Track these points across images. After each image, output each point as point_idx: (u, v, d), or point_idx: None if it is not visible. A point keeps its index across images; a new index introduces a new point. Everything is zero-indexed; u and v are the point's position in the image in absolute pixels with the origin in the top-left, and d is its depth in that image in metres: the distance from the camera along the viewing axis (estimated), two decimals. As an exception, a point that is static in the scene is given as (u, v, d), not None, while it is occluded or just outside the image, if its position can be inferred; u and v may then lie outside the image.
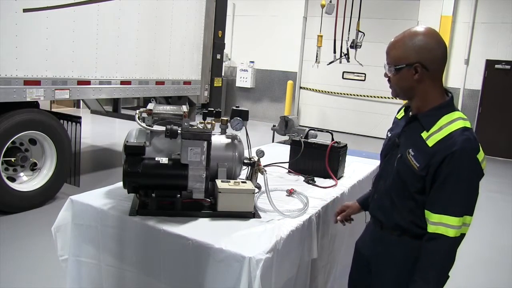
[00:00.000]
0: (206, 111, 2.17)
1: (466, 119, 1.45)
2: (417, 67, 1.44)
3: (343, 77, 10.88)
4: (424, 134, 1.45)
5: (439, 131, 1.42)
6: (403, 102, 1.71)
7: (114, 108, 6.52)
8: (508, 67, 9.10)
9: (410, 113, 1.58)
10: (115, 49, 4.85)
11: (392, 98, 7.93)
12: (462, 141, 1.37)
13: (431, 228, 1.43)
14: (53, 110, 5.59)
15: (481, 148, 1.42)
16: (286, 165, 2.71)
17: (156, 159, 1.84)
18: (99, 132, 8.09)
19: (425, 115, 1.49)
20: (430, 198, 1.44)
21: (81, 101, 8.68)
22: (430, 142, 1.43)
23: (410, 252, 1.52)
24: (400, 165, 1.55)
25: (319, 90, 11.22)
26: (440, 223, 1.41)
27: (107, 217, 1.85)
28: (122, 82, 4.99)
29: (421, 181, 1.45)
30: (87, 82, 4.54)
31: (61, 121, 4.52)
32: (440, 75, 1.49)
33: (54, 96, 4.22)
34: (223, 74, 8.03)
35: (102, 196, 2.00)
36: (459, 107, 9.49)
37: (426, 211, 1.46)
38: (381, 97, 9.80)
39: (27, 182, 4.25)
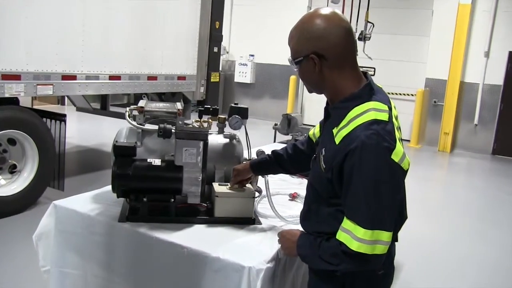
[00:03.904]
0: (202, 109, 2.18)
1: (383, 110, 1.34)
2: (313, 58, 1.37)
3: (351, 72, 10.86)
4: (335, 130, 1.38)
5: (347, 126, 1.33)
6: (417, 96, 1.68)
7: (102, 105, 6.52)
8: (532, 60, 9.08)
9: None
10: (103, 41, 4.85)
11: (405, 94, 7.91)
12: (365, 136, 1.27)
13: (337, 234, 1.35)
14: (35, 107, 5.60)
15: (399, 145, 1.32)
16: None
17: (148, 160, 1.85)
18: (86, 131, 8.09)
19: (335, 107, 1.43)
20: (342, 202, 1.37)
21: (66, 97, 8.71)
22: (337, 139, 1.35)
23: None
24: (313, 168, 1.53)
25: (325, 86, 11.23)
26: (347, 230, 1.32)
27: (94, 223, 1.86)
28: (111, 77, 4.99)
29: (330, 185, 1.38)
30: (73, 77, 4.54)
31: (44, 119, 4.52)
32: (346, 61, 1.40)
33: (36, 92, 4.21)
34: (220, 69, 8.04)
35: (89, 201, 2.01)
36: (478, 104, 9.47)
37: None
38: (393, 93, 9.80)
39: (6, 186, 4.24)
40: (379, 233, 1.30)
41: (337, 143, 1.35)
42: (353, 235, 1.30)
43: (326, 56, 1.37)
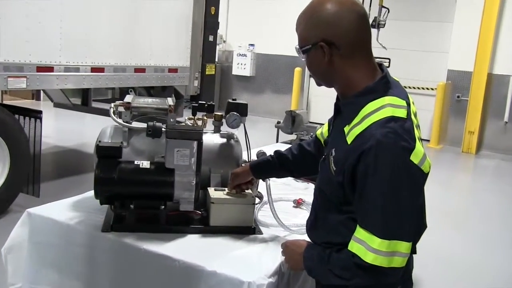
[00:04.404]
0: (196, 105, 2.19)
1: (401, 106, 1.36)
2: (322, 46, 1.39)
3: (363, 63, 10.85)
4: (346, 129, 1.39)
5: (360, 123, 1.34)
6: (438, 90, 1.68)
7: (84, 100, 6.52)
8: None
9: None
10: (84, 28, 4.86)
11: (424, 88, 7.84)
12: (381, 134, 1.28)
13: (349, 245, 1.36)
14: (5, 102, 5.60)
15: (419, 145, 1.33)
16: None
17: (135, 162, 1.86)
18: (65, 130, 8.10)
19: (347, 103, 1.45)
20: (354, 208, 1.38)
21: (41, 92, 8.71)
22: (349, 138, 1.36)
23: None
24: (321, 171, 1.54)
25: (334, 79, 11.22)
26: (360, 240, 1.33)
27: (74, 233, 1.87)
28: (93, 69, 5.00)
29: (341, 189, 1.39)
30: (50, 69, 4.55)
31: (16, 116, 4.52)
32: (360, 50, 1.41)
33: (7, 85, 4.21)
34: (216, 60, 8.03)
35: (68, 209, 2.02)
36: (508, 98, 9.39)
37: None
38: (411, 87, 9.81)
39: (-27, 192, 4.25)
40: (396, 243, 1.30)
41: (349, 142, 1.36)
42: (367, 246, 1.31)
43: (337, 44, 1.38)
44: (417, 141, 1.35)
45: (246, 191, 1.98)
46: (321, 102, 11.16)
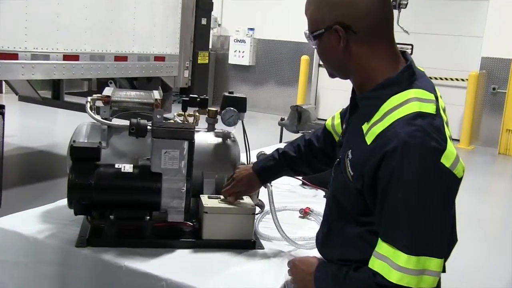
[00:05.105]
0: (187, 99, 2.19)
1: (428, 101, 1.36)
2: (337, 30, 1.39)
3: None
4: (365, 127, 1.40)
5: (381, 120, 1.35)
6: (470, 81, 1.68)
7: (55, 93, 6.53)
8: None
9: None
10: (55, 8, 4.86)
11: (453, 79, 7.84)
12: (407, 133, 1.27)
13: (370, 262, 1.35)
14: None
15: (450, 146, 1.33)
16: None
17: (116, 166, 1.86)
18: (32, 128, 8.11)
19: (365, 97, 1.46)
20: (376, 220, 1.38)
21: (3, 82, 8.71)
22: (369, 138, 1.36)
23: None
24: (336, 176, 1.55)
25: (347, 69, 11.21)
26: (383, 257, 1.32)
27: (44, 249, 1.86)
28: (66, 57, 5.00)
29: (360, 197, 1.40)
30: (13, 56, 4.54)
31: (-25, 112, 4.53)
32: (381, 34, 1.42)
33: (-36, 76, 4.23)
34: (210, 47, 8.04)
35: (36, 220, 2.01)
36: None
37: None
38: (437, 78, 9.82)
39: None
40: (426, 260, 1.29)
41: (368, 143, 1.36)
42: (392, 263, 1.31)
43: (355, 27, 1.39)
44: (449, 141, 1.35)
45: (244, 198, 1.99)
46: (331, 95, 11.18)
